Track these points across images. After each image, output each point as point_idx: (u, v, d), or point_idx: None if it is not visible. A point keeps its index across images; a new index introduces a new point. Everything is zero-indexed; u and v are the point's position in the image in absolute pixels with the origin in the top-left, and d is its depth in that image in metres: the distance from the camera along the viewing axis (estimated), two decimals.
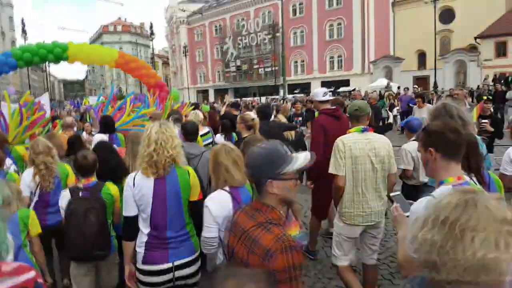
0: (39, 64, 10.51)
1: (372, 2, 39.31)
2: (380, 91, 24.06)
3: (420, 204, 1.69)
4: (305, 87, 42.92)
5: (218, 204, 2.29)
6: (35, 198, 3.47)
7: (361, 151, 3.15)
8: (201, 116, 5.94)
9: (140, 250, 2.42)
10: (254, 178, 1.70)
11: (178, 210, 2.44)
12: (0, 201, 2.03)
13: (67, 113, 13.88)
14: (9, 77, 48.34)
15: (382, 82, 32.90)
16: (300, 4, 43.93)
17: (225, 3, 53.81)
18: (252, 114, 5.40)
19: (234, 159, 2.46)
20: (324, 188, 3.88)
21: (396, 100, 16.76)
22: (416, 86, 24.47)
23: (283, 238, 1.50)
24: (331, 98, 4.90)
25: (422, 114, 7.41)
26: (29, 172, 3.49)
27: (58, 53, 9.46)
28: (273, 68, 45.36)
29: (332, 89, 39.02)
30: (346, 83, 40.03)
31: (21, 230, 2.62)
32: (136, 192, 2.39)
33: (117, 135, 5.33)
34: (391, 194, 2.06)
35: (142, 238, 2.44)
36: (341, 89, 38.04)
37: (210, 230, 2.27)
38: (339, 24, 41.41)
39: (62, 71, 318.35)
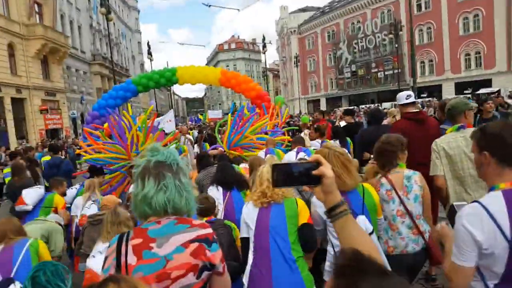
0: (153, 88, 11.29)
1: None
2: None
3: (467, 209, 1.66)
4: (434, 90, 37.82)
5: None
6: None
7: (456, 149, 3.15)
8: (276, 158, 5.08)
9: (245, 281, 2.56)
10: None
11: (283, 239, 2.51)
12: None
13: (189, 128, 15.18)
14: (140, 96, 53.67)
15: None
16: None
17: (338, 7, 51.67)
18: None
19: (343, 163, 2.53)
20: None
21: None
22: None
23: None
24: (415, 100, 4.65)
25: None
26: None
27: (168, 76, 10.43)
28: (395, 71, 41.34)
29: (469, 91, 33.61)
30: (487, 83, 33.96)
31: None
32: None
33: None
34: (455, 204, 2.03)
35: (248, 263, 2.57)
36: (481, 90, 32.32)
37: (316, 223, 2.58)
38: (476, 15, 35.51)
39: (184, 90, 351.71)
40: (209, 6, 24.13)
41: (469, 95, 30.75)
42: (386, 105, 32.56)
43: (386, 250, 2.77)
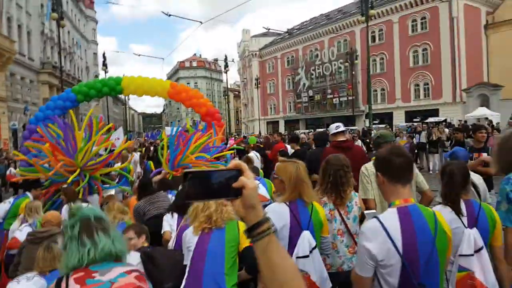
0: (94, 97, 10.54)
1: (462, 25, 35.35)
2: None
3: (367, 224, 1.85)
4: (385, 117, 39.38)
5: (277, 215, 2.55)
6: None
7: None
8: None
9: None
10: None
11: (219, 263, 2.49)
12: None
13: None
14: (92, 109, 51.47)
15: (481, 111, 28.78)
16: (380, 30, 41.14)
17: (298, 35, 53.20)
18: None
19: (307, 176, 2.74)
20: None
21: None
22: None
23: None
24: (344, 129, 4.97)
25: None
26: None
27: (112, 85, 9.87)
28: (349, 98, 42.75)
29: (418, 119, 35.29)
30: (435, 112, 35.86)
31: None
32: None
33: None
34: (365, 212, 2.54)
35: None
36: (430, 119, 34.10)
37: None
38: (425, 49, 37.76)
39: (141, 105, 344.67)
40: (169, 15, 23.69)
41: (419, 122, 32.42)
42: None
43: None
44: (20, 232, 3.99)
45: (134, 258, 2.59)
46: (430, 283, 1.74)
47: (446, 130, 15.78)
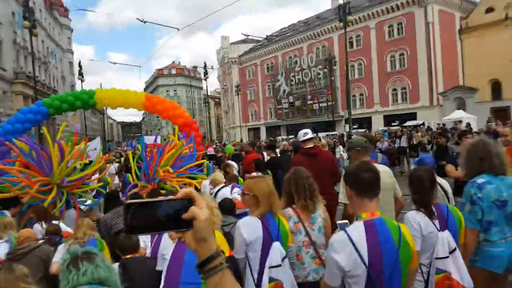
0: (67, 111, 10.36)
1: (438, 30, 36.28)
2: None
3: (335, 237, 1.98)
4: (364, 122, 39.86)
5: (251, 228, 2.70)
6: None
7: None
8: (220, 177, 5.99)
9: None
10: None
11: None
12: None
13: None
14: (68, 120, 50.18)
15: (458, 114, 29.44)
16: (357, 36, 41.78)
17: (277, 41, 53.49)
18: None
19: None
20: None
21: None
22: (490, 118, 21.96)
23: None
24: (311, 136, 5.08)
25: None
26: None
27: (85, 99, 9.67)
28: (329, 103, 43.14)
29: (397, 123, 35.85)
30: (413, 116, 36.53)
31: None
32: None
33: None
34: (338, 222, 2.50)
35: None
36: (408, 123, 34.69)
37: (238, 252, 2.71)
38: (402, 54, 38.52)
39: (120, 114, 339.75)
40: (145, 22, 23.18)
41: (397, 126, 32.91)
42: (321, 135, 33.57)
43: None
44: None
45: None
46: None
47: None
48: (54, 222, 4.60)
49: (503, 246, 2.74)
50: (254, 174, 5.52)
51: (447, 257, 2.47)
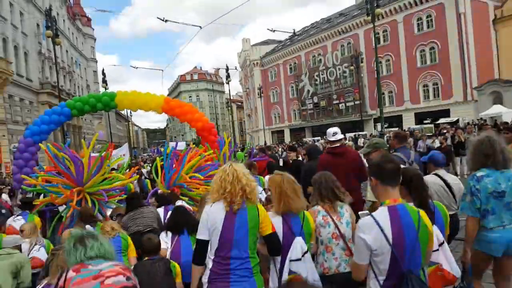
0: (89, 112, 10.43)
1: (470, 21, 34.33)
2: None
3: (363, 220, 2.19)
4: (394, 120, 38.11)
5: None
6: None
7: None
8: None
9: (205, 280, 2.64)
10: None
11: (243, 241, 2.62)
12: None
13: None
14: (94, 127, 50.72)
15: (496, 109, 27.55)
16: (384, 31, 40.14)
17: (300, 40, 52.40)
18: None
19: (294, 189, 2.93)
20: None
21: None
22: None
23: None
24: (341, 137, 5.08)
25: None
26: None
27: (106, 101, 9.82)
28: (356, 102, 41.67)
29: (429, 121, 34.08)
30: (446, 113, 34.66)
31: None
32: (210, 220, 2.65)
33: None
34: (360, 213, 2.69)
35: (208, 264, 2.66)
36: (441, 120, 32.89)
37: None
38: (432, 48, 36.66)
39: (145, 121, 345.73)
40: (166, 21, 22.76)
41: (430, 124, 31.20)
42: (348, 135, 32.25)
43: (322, 271, 3.02)
44: (37, 252, 4.24)
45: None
46: (414, 269, 2.11)
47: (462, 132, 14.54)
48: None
49: (500, 232, 3.09)
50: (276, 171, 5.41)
51: (437, 250, 2.63)
